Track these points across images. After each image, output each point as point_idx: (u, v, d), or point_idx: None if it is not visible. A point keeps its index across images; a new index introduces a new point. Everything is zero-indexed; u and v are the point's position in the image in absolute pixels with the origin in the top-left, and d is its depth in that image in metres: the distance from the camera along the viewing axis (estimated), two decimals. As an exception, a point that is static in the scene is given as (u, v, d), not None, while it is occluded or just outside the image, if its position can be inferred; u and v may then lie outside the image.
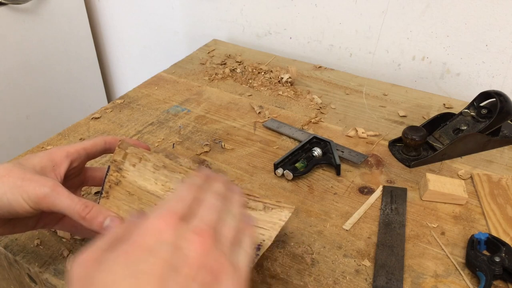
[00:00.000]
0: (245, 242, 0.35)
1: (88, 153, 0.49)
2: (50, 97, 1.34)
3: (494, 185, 0.63)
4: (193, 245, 0.30)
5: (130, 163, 0.46)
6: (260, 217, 0.44)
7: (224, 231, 0.34)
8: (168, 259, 0.29)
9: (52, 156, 0.46)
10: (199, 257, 0.30)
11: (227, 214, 0.36)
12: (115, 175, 0.46)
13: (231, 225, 0.35)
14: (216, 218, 0.34)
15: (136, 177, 0.46)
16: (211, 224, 0.33)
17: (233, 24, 1.15)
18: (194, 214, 0.33)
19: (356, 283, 0.50)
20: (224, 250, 0.32)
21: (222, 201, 0.36)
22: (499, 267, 0.49)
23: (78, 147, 0.48)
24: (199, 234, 0.31)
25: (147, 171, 0.46)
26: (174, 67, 0.98)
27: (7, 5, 1.14)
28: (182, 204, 0.33)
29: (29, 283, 0.55)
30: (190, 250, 0.30)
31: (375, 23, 0.94)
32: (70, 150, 0.47)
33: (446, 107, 0.82)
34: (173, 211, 0.32)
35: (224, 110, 0.82)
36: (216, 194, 0.37)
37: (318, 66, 0.97)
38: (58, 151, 0.46)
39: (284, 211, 0.45)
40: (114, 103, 0.84)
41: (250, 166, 0.68)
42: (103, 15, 1.43)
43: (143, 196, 0.45)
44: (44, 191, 0.41)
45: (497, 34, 0.82)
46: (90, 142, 0.49)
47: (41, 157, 0.46)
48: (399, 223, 0.57)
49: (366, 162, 0.69)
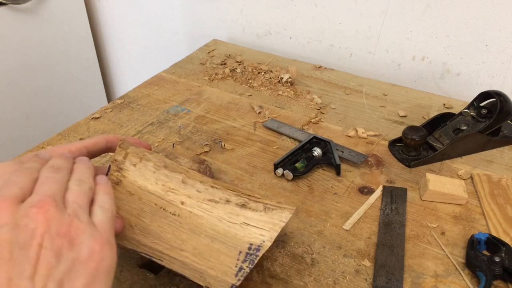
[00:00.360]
0: (100, 200, 0.37)
1: (89, 152, 0.48)
2: (50, 97, 1.34)
3: (494, 185, 0.63)
4: (35, 217, 0.31)
5: (130, 163, 0.46)
6: (260, 218, 0.44)
7: (70, 197, 0.35)
8: (10, 239, 0.30)
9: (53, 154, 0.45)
10: (45, 227, 0.31)
11: (71, 182, 0.37)
12: (116, 175, 0.45)
13: (77, 190, 0.36)
14: (56, 188, 0.35)
15: (137, 177, 0.45)
16: (50, 194, 0.34)
17: (233, 24, 1.15)
18: (32, 193, 0.34)
19: (356, 283, 0.50)
20: (74, 214, 0.33)
21: (61, 172, 0.37)
22: (499, 267, 0.49)
23: (79, 146, 0.47)
24: (38, 206, 0.32)
25: (148, 171, 0.45)
26: (174, 67, 0.98)
27: (7, 5, 1.14)
28: (13, 187, 0.34)
29: (29, 283, 0.55)
30: (33, 223, 0.31)
31: (375, 23, 0.94)
32: (71, 148, 0.47)
33: (446, 107, 0.82)
34: (5, 196, 0.32)
35: (224, 110, 0.82)
36: (52, 168, 0.37)
37: (318, 66, 0.97)
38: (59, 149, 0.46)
39: (284, 212, 0.45)
40: (114, 103, 0.84)
41: (250, 166, 0.68)
42: (103, 15, 1.43)
43: (143, 196, 0.45)
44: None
45: (497, 34, 0.82)
46: (92, 141, 0.49)
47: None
48: (399, 223, 0.57)
49: (366, 162, 0.69)
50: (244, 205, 0.45)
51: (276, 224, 0.44)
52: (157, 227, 0.44)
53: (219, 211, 0.44)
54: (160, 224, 0.44)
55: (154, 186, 0.45)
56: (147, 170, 0.46)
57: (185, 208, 0.44)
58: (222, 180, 0.65)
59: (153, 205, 0.44)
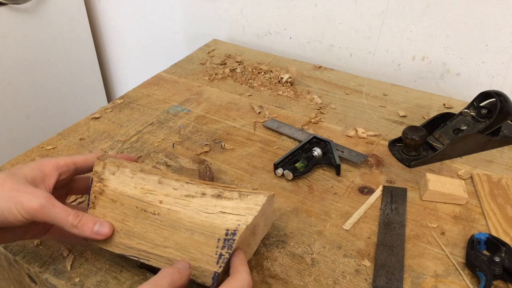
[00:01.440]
0: None
1: (78, 168, 0.50)
2: (50, 97, 1.34)
3: (494, 185, 0.63)
4: None
5: (109, 172, 0.48)
6: (236, 205, 0.45)
7: None
8: None
9: (42, 167, 0.47)
10: None
11: None
12: (98, 186, 0.48)
13: None
14: None
15: (117, 184, 0.48)
16: None
17: (233, 24, 1.15)
18: None
19: (356, 283, 0.50)
20: None
21: None
22: (499, 267, 0.49)
23: (68, 161, 0.49)
24: None
25: (126, 177, 0.48)
26: (174, 67, 0.98)
27: (7, 5, 1.14)
28: None
29: (29, 283, 0.55)
30: None
31: (375, 23, 0.94)
32: (60, 162, 0.48)
33: (446, 107, 0.82)
34: None
35: (224, 110, 0.82)
36: None
37: (318, 66, 0.97)
38: (48, 162, 0.48)
39: (259, 196, 0.46)
40: (114, 103, 0.84)
41: (250, 166, 0.68)
42: (103, 15, 1.43)
43: (124, 201, 0.47)
44: (40, 203, 0.43)
45: (497, 34, 0.82)
46: (82, 158, 0.50)
47: (32, 167, 0.46)
48: (399, 223, 0.57)
49: (366, 162, 0.69)
50: (219, 195, 0.46)
51: (252, 208, 0.45)
52: (140, 228, 0.46)
53: (195, 204, 0.46)
54: (142, 225, 0.46)
55: (133, 190, 0.47)
56: (125, 177, 0.48)
57: (164, 206, 0.46)
58: (222, 180, 0.65)
59: (134, 208, 0.47)
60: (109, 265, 0.52)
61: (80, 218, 0.45)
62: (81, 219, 0.45)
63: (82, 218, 0.45)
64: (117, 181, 0.48)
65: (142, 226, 0.46)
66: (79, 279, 0.51)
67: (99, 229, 0.46)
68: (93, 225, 0.45)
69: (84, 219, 0.45)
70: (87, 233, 0.45)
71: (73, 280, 0.50)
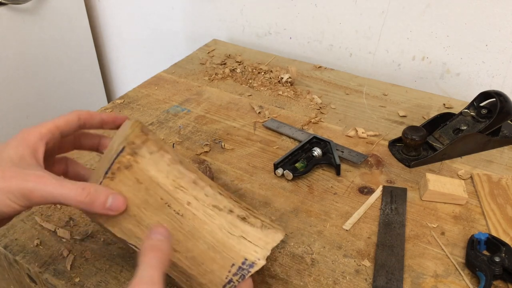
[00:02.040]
0: None
1: (62, 131, 0.45)
2: (50, 97, 1.34)
3: (494, 185, 0.63)
4: None
5: (148, 149, 0.41)
6: (256, 234, 0.44)
7: None
8: None
9: (26, 141, 0.42)
10: None
11: None
12: (128, 158, 0.40)
13: None
14: None
15: (150, 166, 0.41)
16: None
17: (233, 24, 1.15)
18: None
19: (356, 283, 0.50)
20: None
21: None
22: (499, 267, 0.49)
23: (50, 126, 0.44)
24: None
25: (163, 163, 0.42)
26: (174, 67, 0.98)
27: (7, 5, 1.14)
28: None
29: (29, 283, 0.55)
30: None
31: (375, 23, 0.94)
32: (42, 130, 0.43)
33: (446, 107, 0.82)
34: None
35: (224, 110, 0.82)
36: None
37: (318, 66, 0.97)
38: (30, 134, 0.42)
39: (278, 233, 0.45)
40: (114, 103, 0.84)
41: (250, 166, 0.68)
42: (103, 15, 1.43)
43: (151, 187, 0.41)
44: (28, 186, 0.38)
45: (497, 34, 0.82)
46: (63, 119, 0.45)
47: (15, 146, 0.41)
48: (399, 223, 0.57)
49: (366, 162, 0.69)
50: (245, 218, 0.44)
51: (268, 243, 0.44)
52: (156, 221, 0.41)
53: (221, 219, 0.43)
54: (159, 219, 0.42)
55: (165, 179, 0.42)
56: (162, 162, 0.42)
57: (190, 209, 0.42)
58: (222, 180, 0.65)
59: (158, 199, 0.41)
60: (109, 265, 0.52)
61: (87, 192, 0.38)
62: (88, 192, 0.38)
63: (91, 191, 0.38)
64: (152, 163, 0.41)
65: (158, 219, 0.41)
66: (79, 279, 0.51)
67: (112, 203, 0.39)
68: (106, 198, 0.39)
69: (93, 193, 0.38)
70: (98, 209, 0.39)
71: (73, 280, 0.50)
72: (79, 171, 0.50)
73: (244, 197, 0.62)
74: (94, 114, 0.48)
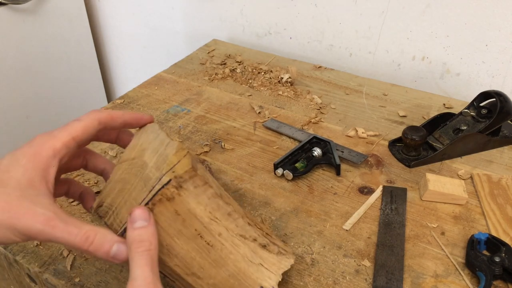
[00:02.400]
0: None
1: (79, 142, 0.41)
2: (50, 97, 1.34)
3: (494, 185, 0.63)
4: None
5: (193, 184, 0.40)
6: (272, 261, 0.45)
7: None
8: None
9: (37, 159, 0.38)
10: None
11: None
12: (172, 192, 0.39)
13: None
14: None
15: (191, 199, 0.40)
16: None
17: (233, 24, 1.15)
18: None
19: (356, 283, 0.50)
20: None
21: None
22: (499, 267, 0.49)
23: (66, 139, 0.40)
24: None
25: (204, 197, 0.41)
26: (174, 67, 0.98)
27: (7, 5, 1.14)
28: None
29: (29, 283, 0.55)
30: None
31: (375, 23, 0.94)
32: (56, 146, 0.39)
33: (446, 107, 0.82)
34: None
35: (224, 110, 0.82)
36: None
37: (318, 66, 0.97)
38: (43, 149, 0.39)
39: (290, 259, 0.46)
40: (114, 103, 0.84)
41: (250, 166, 0.68)
42: (103, 15, 1.43)
43: (188, 218, 0.40)
44: (37, 228, 0.36)
45: (497, 34, 0.82)
46: (81, 128, 0.41)
47: (24, 166, 0.38)
48: (399, 223, 0.57)
49: (366, 162, 0.69)
50: (265, 246, 0.45)
51: (280, 268, 0.45)
52: (186, 251, 0.41)
53: (246, 248, 0.44)
54: (190, 248, 0.41)
55: (203, 212, 0.41)
56: (204, 196, 0.41)
57: (220, 240, 0.42)
58: (222, 180, 0.65)
59: (193, 230, 0.41)
60: (109, 265, 0.52)
61: (91, 241, 0.36)
62: (92, 241, 0.36)
63: (95, 240, 0.36)
64: (194, 196, 0.40)
65: (189, 249, 0.41)
66: (79, 279, 0.51)
67: (117, 252, 0.37)
68: (110, 247, 0.37)
69: (97, 242, 0.36)
70: (102, 256, 0.37)
71: (73, 280, 0.50)
72: (98, 165, 0.47)
73: (244, 197, 0.62)
74: (115, 115, 0.44)
